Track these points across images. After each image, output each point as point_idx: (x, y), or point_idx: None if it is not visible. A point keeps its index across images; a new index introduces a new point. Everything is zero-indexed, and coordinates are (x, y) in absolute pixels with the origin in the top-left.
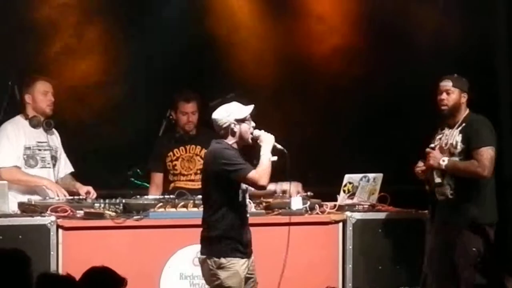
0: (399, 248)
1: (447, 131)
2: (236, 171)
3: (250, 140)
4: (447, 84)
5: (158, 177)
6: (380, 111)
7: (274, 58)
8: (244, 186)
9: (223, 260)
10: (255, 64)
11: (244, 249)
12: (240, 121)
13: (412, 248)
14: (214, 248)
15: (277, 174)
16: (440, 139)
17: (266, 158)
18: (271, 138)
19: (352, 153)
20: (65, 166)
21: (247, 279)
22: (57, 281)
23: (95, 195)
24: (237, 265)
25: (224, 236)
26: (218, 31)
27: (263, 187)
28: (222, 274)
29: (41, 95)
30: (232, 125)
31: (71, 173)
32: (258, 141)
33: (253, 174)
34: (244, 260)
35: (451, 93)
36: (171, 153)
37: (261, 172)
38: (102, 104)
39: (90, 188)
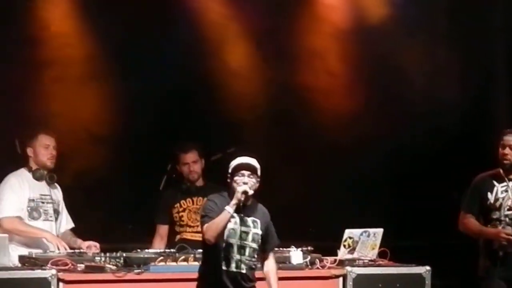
0: None
1: (509, 183)
2: (200, 220)
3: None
4: (511, 139)
5: (163, 229)
6: (381, 168)
7: (273, 111)
8: (237, 241)
9: None
10: (254, 118)
11: None
12: (231, 174)
13: None
14: None
15: None
16: (506, 191)
17: (222, 215)
18: (239, 192)
19: (352, 208)
20: (67, 222)
21: None
22: None
23: (98, 250)
24: None
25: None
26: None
27: (208, 243)
28: None
29: (43, 148)
30: (228, 179)
31: (72, 229)
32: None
33: (204, 227)
34: None
35: None
36: (178, 204)
37: (209, 226)
38: (102, 156)
39: (92, 243)
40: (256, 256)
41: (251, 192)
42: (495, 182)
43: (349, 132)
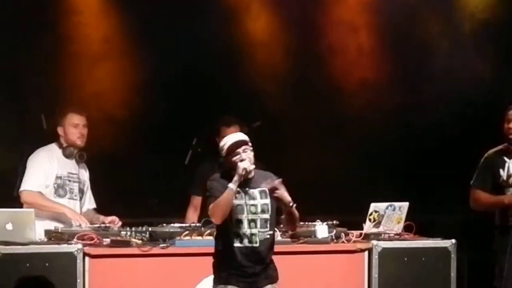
0: (425, 277)
1: None
2: (207, 201)
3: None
4: None
5: (197, 200)
6: (406, 142)
7: (299, 87)
8: (246, 215)
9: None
10: (280, 94)
11: (238, 279)
12: (226, 155)
13: (438, 277)
14: (214, 274)
15: None
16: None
17: (227, 192)
18: (240, 168)
19: (378, 182)
20: (89, 202)
21: None
22: None
23: (120, 224)
24: None
25: (217, 265)
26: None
27: (216, 223)
28: None
29: (72, 127)
30: (224, 160)
31: (94, 209)
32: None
33: (210, 207)
34: None
35: None
36: None
37: (215, 207)
38: (129, 130)
39: (114, 218)
40: (270, 225)
41: (252, 167)
42: (505, 158)
43: (374, 104)
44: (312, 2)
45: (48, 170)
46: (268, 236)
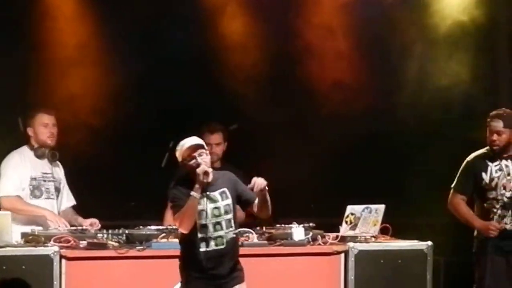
0: (401, 279)
1: (504, 162)
2: (172, 211)
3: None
4: (497, 124)
5: None
6: (383, 144)
7: (275, 89)
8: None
9: None
10: (255, 93)
11: (205, 282)
12: (183, 160)
13: (414, 279)
14: (181, 277)
15: None
16: (500, 170)
17: (191, 200)
18: (201, 174)
19: (354, 185)
20: (68, 199)
21: None
22: None
23: (99, 226)
24: None
25: (183, 269)
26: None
27: (184, 232)
28: None
29: (42, 127)
30: (180, 163)
31: (73, 206)
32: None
33: (176, 217)
34: None
35: (502, 134)
36: None
37: (181, 217)
38: (105, 134)
39: (94, 220)
40: (234, 223)
41: (210, 170)
42: (488, 162)
43: (350, 105)
44: (287, 4)
45: (22, 173)
46: (234, 235)
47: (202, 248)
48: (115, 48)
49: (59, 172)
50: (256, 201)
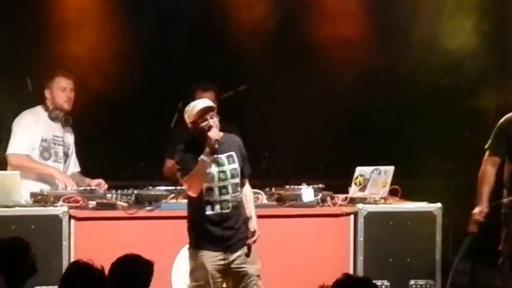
0: (410, 241)
1: None
2: (179, 174)
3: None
4: None
5: (171, 163)
6: (393, 104)
7: (290, 46)
8: (217, 183)
9: (190, 251)
10: (268, 53)
11: (212, 243)
12: (193, 122)
13: (423, 241)
14: (189, 238)
15: None
16: None
17: (201, 164)
18: (212, 139)
19: (363, 146)
20: (74, 165)
21: (234, 274)
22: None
23: (106, 187)
24: (204, 258)
25: (191, 230)
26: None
27: (193, 195)
28: (190, 264)
29: (59, 90)
30: (189, 125)
31: (79, 173)
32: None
33: (184, 180)
34: (214, 253)
35: None
36: None
37: (191, 180)
38: (113, 95)
39: (100, 181)
40: (240, 188)
41: (220, 134)
42: None
43: (360, 63)
44: None
45: (34, 133)
46: (240, 200)
47: (208, 211)
48: (118, 11)
49: (70, 137)
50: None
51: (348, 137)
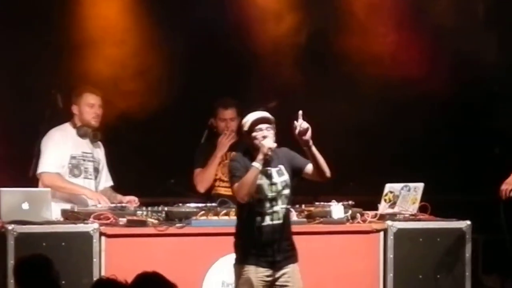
0: (440, 257)
1: None
2: (230, 182)
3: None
4: None
5: (199, 171)
6: (422, 121)
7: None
8: (268, 194)
9: (236, 266)
10: (295, 69)
11: (260, 258)
12: (248, 132)
13: (453, 257)
14: (235, 253)
15: None
16: None
17: (253, 170)
18: (265, 147)
19: (393, 163)
20: (106, 179)
21: None
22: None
23: (137, 204)
24: (250, 273)
25: (238, 245)
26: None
27: (241, 202)
28: (236, 280)
29: (88, 107)
30: (245, 134)
31: (111, 187)
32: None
33: (235, 187)
34: (261, 269)
35: None
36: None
37: (240, 186)
38: (144, 112)
39: (132, 198)
40: (288, 200)
41: (274, 145)
42: None
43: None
44: None
45: (62, 151)
46: (289, 210)
47: (258, 223)
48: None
49: (100, 152)
50: (310, 165)
51: (379, 154)
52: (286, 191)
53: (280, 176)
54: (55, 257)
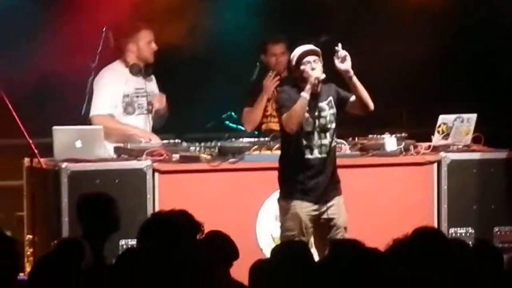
0: (494, 188)
1: None
2: (278, 113)
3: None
4: None
5: (248, 109)
6: (476, 51)
7: None
8: (316, 127)
9: (282, 202)
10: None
11: (306, 193)
12: (296, 65)
13: (507, 188)
14: (280, 189)
15: None
16: None
17: (301, 101)
18: (313, 77)
19: (446, 94)
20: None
21: (323, 225)
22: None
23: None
24: (297, 208)
25: (286, 179)
26: None
27: (290, 132)
28: (281, 214)
29: (146, 44)
30: (293, 70)
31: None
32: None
33: (283, 117)
34: (307, 203)
35: None
36: None
37: (290, 117)
38: (195, 48)
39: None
40: (335, 134)
41: (323, 76)
42: None
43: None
44: None
45: (115, 91)
46: (335, 145)
47: (307, 155)
48: None
49: (153, 85)
50: (353, 97)
51: (432, 85)
52: (334, 125)
53: (330, 109)
54: (109, 194)
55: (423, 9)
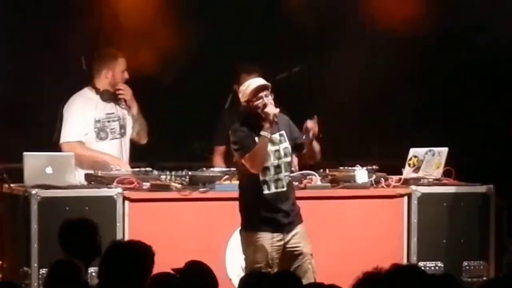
0: (464, 222)
1: None
2: (239, 153)
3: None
4: None
5: (220, 150)
6: (445, 87)
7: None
8: (272, 162)
9: (245, 234)
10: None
11: (269, 225)
12: (247, 101)
13: (477, 222)
14: (243, 220)
15: None
16: None
17: (261, 142)
18: (271, 114)
19: (417, 127)
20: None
21: (289, 254)
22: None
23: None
24: (263, 240)
25: (247, 212)
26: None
27: (255, 172)
28: (246, 246)
29: (120, 72)
30: (244, 104)
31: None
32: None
33: (246, 158)
34: (271, 234)
35: None
36: None
37: (253, 157)
38: (168, 77)
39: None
40: (289, 168)
41: (277, 111)
42: None
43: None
44: None
45: (86, 117)
46: (291, 178)
47: (265, 191)
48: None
49: (123, 110)
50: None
51: (402, 118)
52: (288, 159)
53: (282, 143)
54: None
55: (394, 38)
